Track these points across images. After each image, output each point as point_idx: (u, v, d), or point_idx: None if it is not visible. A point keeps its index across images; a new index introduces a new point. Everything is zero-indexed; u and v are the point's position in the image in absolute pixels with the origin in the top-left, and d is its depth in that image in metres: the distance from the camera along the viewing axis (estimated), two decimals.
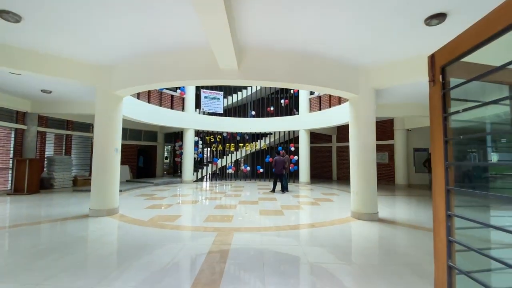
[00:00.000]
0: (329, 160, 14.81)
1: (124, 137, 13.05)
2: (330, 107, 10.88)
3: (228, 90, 14.10)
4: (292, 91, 12.84)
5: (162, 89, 10.98)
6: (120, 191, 9.10)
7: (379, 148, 12.64)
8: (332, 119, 10.38)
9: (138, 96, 9.85)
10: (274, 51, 4.58)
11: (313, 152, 14.66)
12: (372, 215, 5.25)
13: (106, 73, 5.48)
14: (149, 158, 14.48)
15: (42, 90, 7.71)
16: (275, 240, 3.92)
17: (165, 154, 15.85)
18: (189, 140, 12.04)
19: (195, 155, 12.67)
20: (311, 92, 12.22)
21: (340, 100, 10.27)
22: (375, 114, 5.56)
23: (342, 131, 14.22)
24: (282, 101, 13.24)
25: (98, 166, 5.44)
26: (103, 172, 5.43)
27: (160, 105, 10.97)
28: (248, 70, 4.54)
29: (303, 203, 7.11)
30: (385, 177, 12.39)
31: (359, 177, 5.41)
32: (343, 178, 14.03)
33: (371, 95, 5.45)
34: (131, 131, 13.36)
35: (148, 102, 10.39)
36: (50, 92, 7.83)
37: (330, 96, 10.99)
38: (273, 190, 9.25)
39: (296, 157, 12.38)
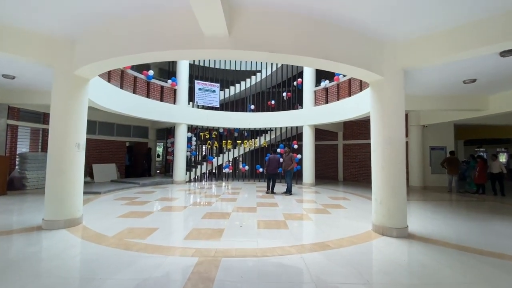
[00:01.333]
0: (335, 160, 13.65)
1: (111, 132, 11.94)
2: (338, 99, 9.71)
3: (225, 82, 12.92)
4: (295, 83, 11.66)
5: (150, 78, 9.82)
6: (99, 193, 7.99)
7: None
8: (341, 113, 9.22)
9: (122, 86, 8.70)
10: (276, 13, 3.42)
11: (317, 150, 13.49)
12: (401, 231, 4.11)
13: (66, 50, 4.33)
14: (140, 156, 13.35)
15: (3, 75, 6.56)
16: (278, 273, 2.78)
17: (158, 152, 14.71)
18: (181, 136, 10.89)
19: (188, 153, 11.53)
20: (316, 83, 11.04)
21: (350, 92, 9.11)
22: (404, 102, 4.39)
23: (349, 128, 13.06)
24: (284, 94, 12.06)
25: (54, 166, 4.30)
26: (60, 174, 4.29)
27: (148, 97, 9.82)
28: (242, 38, 3.38)
29: (309, 211, 5.97)
30: None
31: (384, 182, 4.26)
32: (350, 179, 12.89)
33: (399, 77, 4.30)
34: (118, 127, 12.22)
35: (134, 93, 9.23)
36: (13, 77, 6.65)
37: (338, 86, 9.82)
38: (271, 191, 8.36)
39: (299, 156, 11.22)
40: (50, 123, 4.42)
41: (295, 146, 11.25)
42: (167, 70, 13.09)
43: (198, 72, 12.19)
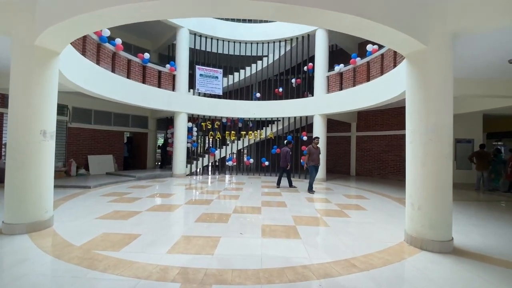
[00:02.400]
0: (347, 153, 12.65)
1: (108, 122, 11.20)
2: (354, 85, 8.66)
3: (229, 69, 11.96)
4: (305, 68, 10.60)
5: (146, 62, 8.95)
6: (89, 187, 7.29)
7: None
8: (357, 101, 8.19)
9: (113, 69, 7.86)
10: None
11: (328, 143, 12.51)
12: (445, 244, 3.21)
13: (26, 13, 3.47)
14: (140, 147, 12.63)
15: None
16: None
17: (158, 143, 13.98)
18: (181, 126, 10.07)
19: (189, 144, 10.73)
20: (329, 68, 9.97)
21: (368, 76, 8.04)
22: (452, 79, 3.40)
23: (363, 118, 11.98)
24: (293, 80, 11.03)
25: (13, 159, 3.52)
26: (20, 168, 3.51)
27: (144, 82, 8.97)
28: None
29: (324, 213, 5.09)
30: None
31: (425, 182, 3.32)
32: (364, 174, 11.90)
33: (448, 47, 3.29)
34: (116, 116, 11.47)
35: (128, 77, 8.39)
36: None
37: (354, 71, 8.74)
38: (290, 185, 7.96)
39: None
40: (9, 107, 3.61)
41: (305, 138, 10.30)
42: (167, 56, 12.20)
43: (199, 58, 11.25)
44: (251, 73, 11.46)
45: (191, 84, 10.72)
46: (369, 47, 7.90)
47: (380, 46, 7.75)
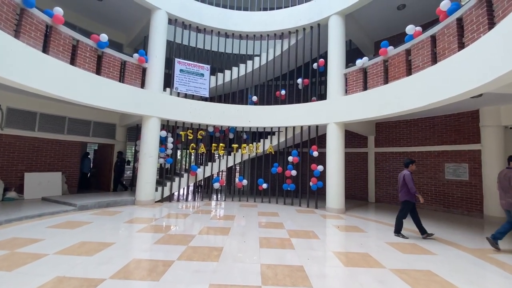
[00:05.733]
0: (363, 173, 10.21)
1: (60, 129, 8.56)
2: (387, 82, 6.38)
3: (219, 64, 9.65)
4: (314, 66, 8.37)
5: (102, 46, 6.53)
6: None
7: (451, 157, 8.08)
8: (394, 101, 5.85)
9: (47, 49, 5.39)
10: None
11: None
12: None
13: None
14: (106, 162, 9.93)
15: None
16: None
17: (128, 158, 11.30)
18: (151, 135, 7.51)
19: (161, 160, 8.11)
20: (349, 61, 7.76)
21: (410, 68, 5.77)
22: None
23: (384, 131, 9.68)
24: (299, 80, 8.74)
25: None
26: None
27: (98, 73, 6.50)
28: None
29: None
30: (464, 204, 7.76)
31: None
32: (386, 201, 9.40)
33: None
34: (72, 122, 8.86)
35: (73, 64, 5.92)
36: None
37: (385, 63, 6.50)
38: (398, 232, 4.98)
39: (320, 168, 7.81)
40: None
41: (315, 154, 7.84)
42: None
43: (180, 53, 8.95)
44: (246, 71, 9.15)
45: (168, 83, 8.30)
46: (409, 29, 5.71)
47: (431, 24, 5.57)
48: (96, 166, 10.76)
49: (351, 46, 10.29)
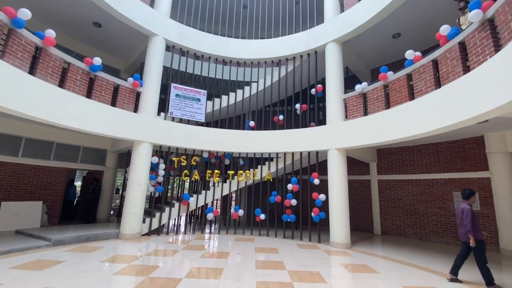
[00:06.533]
0: (367, 202, 9.65)
1: (46, 155, 8.08)
2: (388, 108, 6.16)
3: (216, 90, 9.53)
4: (312, 91, 8.25)
5: (95, 69, 6.35)
6: None
7: (460, 185, 7.65)
8: (398, 127, 5.57)
9: (34, 71, 5.16)
10: None
11: None
12: None
13: None
14: (95, 190, 9.27)
15: None
16: None
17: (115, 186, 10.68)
18: (141, 161, 7.05)
19: (151, 188, 7.55)
20: (348, 88, 7.65)
21: (412, 93, 5.58)
22: None
23: (386, 157, 9.33)
24: (298, 106, 8.56)
25: None
26: None
27: (88, 97, 6.23)
28: None
29: None
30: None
31: None
32: (393, 233, 8.74)
33: None
34: (60, 148, 8.42)
35: (61, 87, 5.65)
36: None
37: (385, 88, 6.34)
38: (491, 283, 3.89)
39: (322, 197, 7.29)
40: None
41: (316, 181, 7.37)
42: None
43: (177, 79, 8.87)
44: (243, 97, 9.00)
45: (163, 108, 8.06)
46: (409, 54, 5.64)
47: (428, 51, 5.50)
48: (83, 195, 10.10)
49: (348, 73, 10.36)
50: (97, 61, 6.27)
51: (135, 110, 7.32)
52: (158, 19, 7.90)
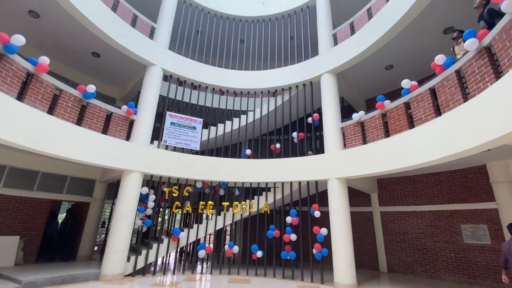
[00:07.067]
0: (370, 236, 9.07)
1: (29, 185, 7.58)
2: (388, 136, 6.02)
3: (212, 119, 9.43)
4: (309, 120, 8.19)
5: (88, 97, 6.21)
6: None
7: (466, 217, 7.28)
8: (399, 156, 5.37)
9: (22, 97, 4.98)
10: None
11: None
12: None
13: None
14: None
15: None
16: None
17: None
18: (130, 192, 6.60)
19: (139, 222, 6.98)
20: (344, 117, 7.61)
21: (412, 121, 5.49)
22: None
23: (386, 187, 9.01)
24: (295, 134, 8.42)
25: None
26: None
27: (79, 124, 6.00)
28: None
29: None
30: (491, 274, 6.60)
31: None
32: (400, 270, 8.07)
33: None
34: (45, 177, 7.97)
35: (51, 114, 5.44)
36: None
37: (384, 117, 6.27)
38: None
39: (324, 231, 6.80)
40: None
41: (317, 214, 6.92)
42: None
43: (172, 107, 8.81)
44: (239, 125, 8.89)
45: (157, 137, 7.83)
46: (405, 83, 5.66)
47: (422, 81, 5.54)
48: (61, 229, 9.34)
49: (344, 103, 10.47)
50: (91, 88, 6.17)
51: (127, 138, 7.06)
52: (156, 50, 8.05)
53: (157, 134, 7.96)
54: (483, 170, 7.17)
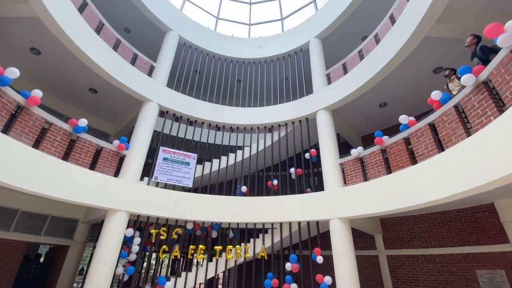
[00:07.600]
0: (378, 284, 8.21)
1: (5, 225, 6.93)
2: (390, 172, 5.78)
3: (207, 155, 9.16)
4: (307, 156, 7.99)
5: (79, 131, 5.99)
6: None
7: (481, 261, 6.67)
8: (405, 194, 5.06)
9: (7, 131, 4.74)
10: None
11: None
12: None
13: None
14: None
15: None
16: None
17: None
18: (113, 234, 5.96)
19: (120, 269, 6.19)
20: (341, 153, 7.43)
21: (414, 157, 5.32)
22: None
23: (392, 228, 8.46)
24: (292, 170, 8.13)
25: None
26: None
27: (65, 159, 5.66)
28: None
29: None
30: None
31: None
32: None
33: None
34: (23, 216, 7.35)
35: (37, 148, 5.15)
36: None
37: (384, 153, 6.10)
38: None
39: (328, 280, 6.08)
40: None
41: (319, 259, 6.28)
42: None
43: (166, 143, 8.61)
44: (235, 161, 8.61)
45: (148, 173, 7.46)
46: (403, 119, 5.63)
47: (418, 118, 5.52)
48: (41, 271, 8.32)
49: (340, 139, 10.44)
50: (83, 122, 5.99)
51: (116, 174, 6.67)
52: (154, 86, 8.15)
53: (148, 171, 7.59)
54: (491, 208, 6.81)
